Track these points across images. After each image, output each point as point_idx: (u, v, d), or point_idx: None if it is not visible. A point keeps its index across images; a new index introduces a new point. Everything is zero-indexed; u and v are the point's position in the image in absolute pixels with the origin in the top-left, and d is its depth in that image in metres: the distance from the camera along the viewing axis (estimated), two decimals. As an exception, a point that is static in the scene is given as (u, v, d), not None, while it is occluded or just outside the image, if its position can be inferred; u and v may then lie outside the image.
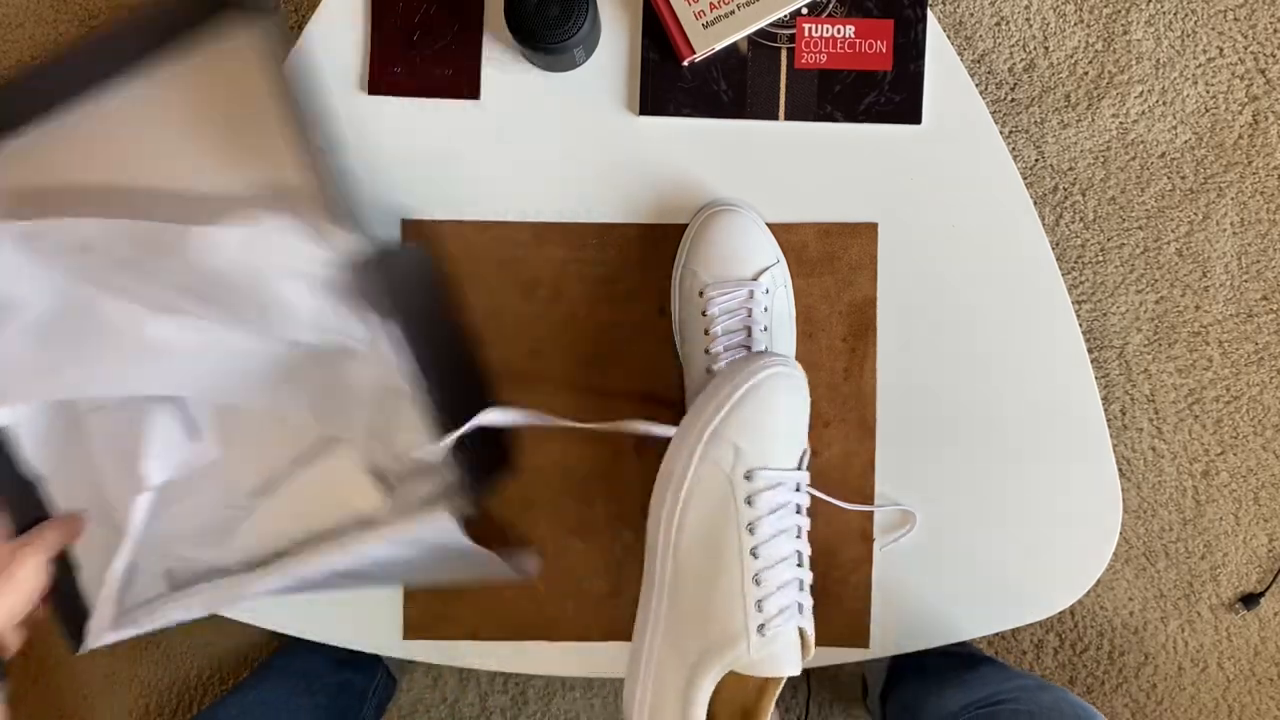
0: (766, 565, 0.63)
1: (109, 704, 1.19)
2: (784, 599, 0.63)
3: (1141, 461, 1.15)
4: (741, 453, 0.65)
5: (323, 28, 0.86)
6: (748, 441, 0.64)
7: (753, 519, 0.63)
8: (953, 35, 1.15)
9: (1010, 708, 0.77)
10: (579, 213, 0.86)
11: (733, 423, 0.65)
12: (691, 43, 0.83)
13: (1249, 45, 1.13)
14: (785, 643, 0.62)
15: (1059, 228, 1.15)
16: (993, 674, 0.87)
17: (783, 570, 0.63)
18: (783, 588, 0.63)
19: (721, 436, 0.65)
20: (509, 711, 1.17)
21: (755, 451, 0.64)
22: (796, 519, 0.65)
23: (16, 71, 0.80)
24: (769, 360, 0.68)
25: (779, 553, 0.63)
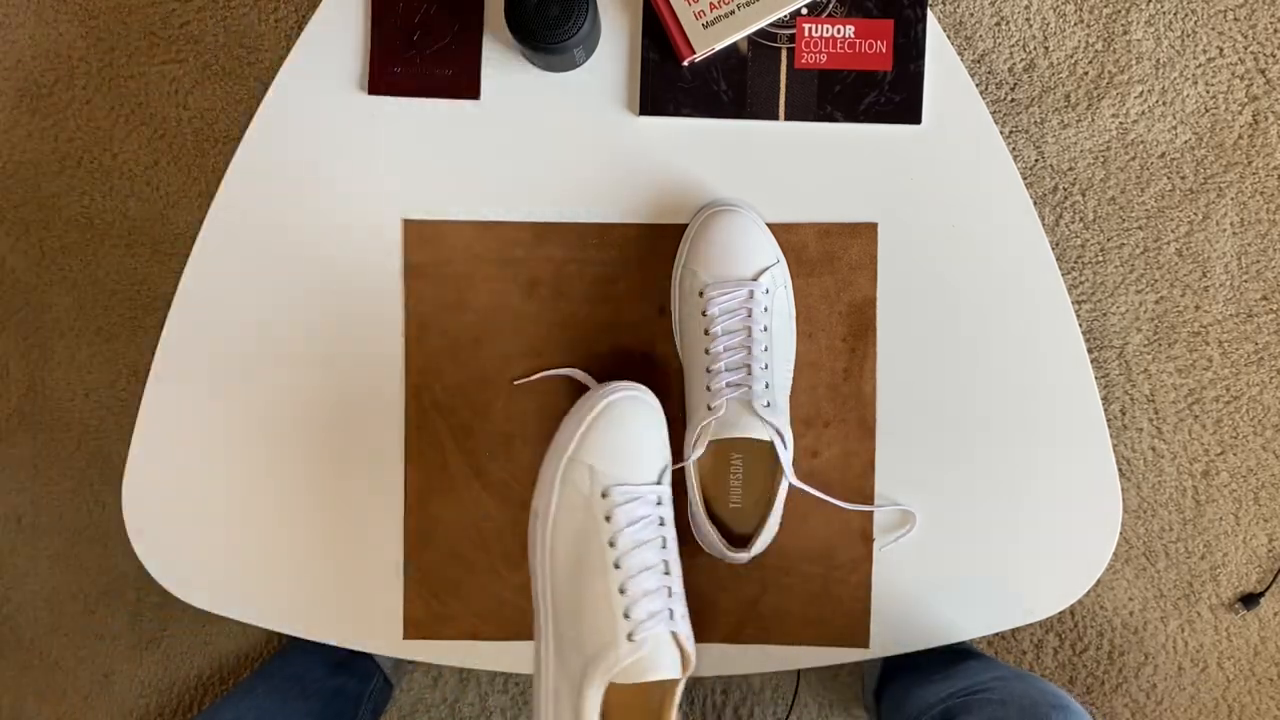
0: (630, 575, 0.67)
1: (109, 704, 1.19)
2: (651, 605, 0.66)
3: (1141, 461, 1.15)
4: (596, 473, 0.69)
5: (323, 28, 0.86)
6: (602, 462, 0.69)
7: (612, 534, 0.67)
8: (953, 35, 1.15)
9: (984, 696, 0.79)
10: (579, 213, 0.86)
11: (585, 447, 0.70)
12: (691, 43, 0.83)
13: (1249, 45, 1.13)
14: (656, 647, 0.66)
15: (1059, 228, 1.15)
16: (976, 667, 0.88)
17: (647, 579, 0.67)
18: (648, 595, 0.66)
19: (577, 461, 0.70)
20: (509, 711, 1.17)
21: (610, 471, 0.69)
22: (660, 530, 0.69)
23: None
24: (615, 386, 0.73)
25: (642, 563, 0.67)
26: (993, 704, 0.77)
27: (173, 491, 0.87)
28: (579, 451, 0.71)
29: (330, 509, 0.87)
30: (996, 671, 0.85)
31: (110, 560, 1.18)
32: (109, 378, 1.18)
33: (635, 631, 0.66)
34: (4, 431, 1.18)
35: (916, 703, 0.86)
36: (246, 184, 0.86)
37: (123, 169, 1.17)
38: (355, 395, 0.87)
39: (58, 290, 1.18)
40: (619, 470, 0.69)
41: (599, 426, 0.71)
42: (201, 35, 1.17)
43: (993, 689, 0.80)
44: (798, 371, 0.86)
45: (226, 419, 0.87)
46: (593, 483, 0.70)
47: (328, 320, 0.86)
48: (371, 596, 0.87)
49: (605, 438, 0.70)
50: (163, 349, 0.87)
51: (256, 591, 0.87)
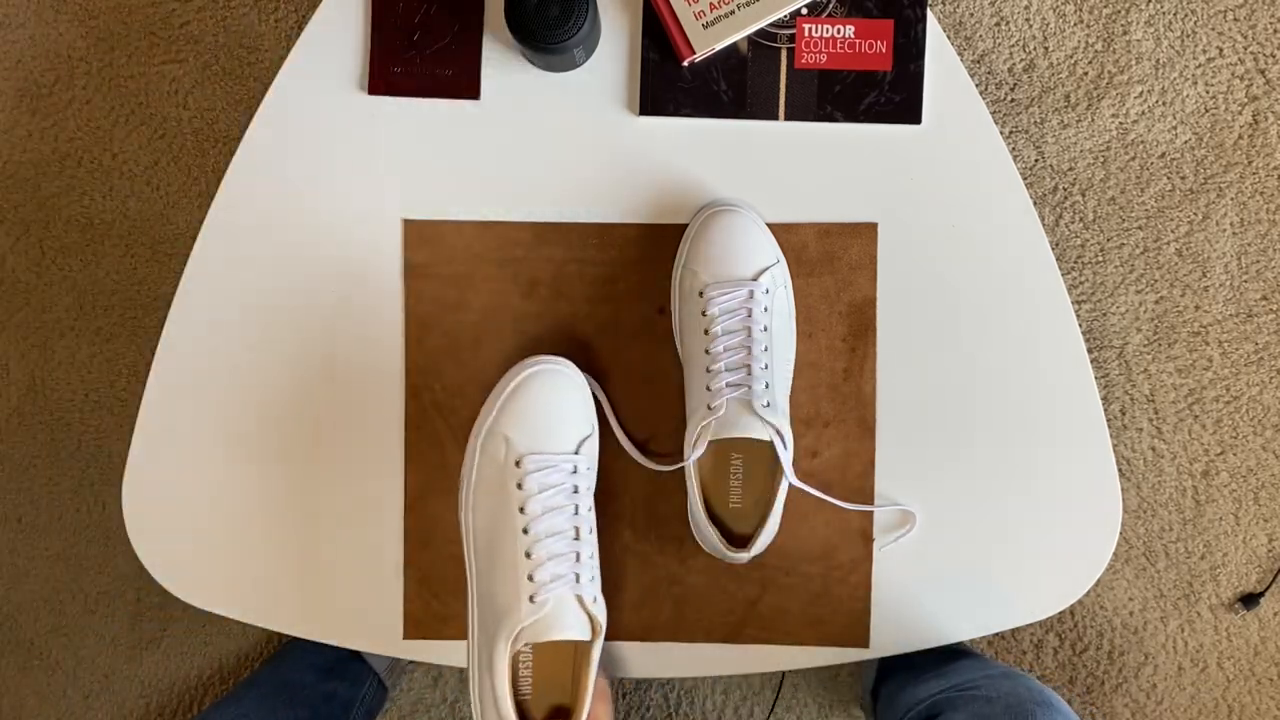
0: (536, 540, 0.71)
1: (109, 704, 1.19)
2: (555, 569, 0.70)
3: (1141, 461, 1.15)
4: (511, 443, 0.73)
5: (323, 28, 0.86)
6: (516, 432, 0.73)
7: (523, 500, 0.71)
8: (953, 35, 1.15)
9: (971, 693, 0.79)
10: (579, 213, 0.86)
11: (502, 418, 0.74)
12: (691, 43, 0.83)
13: (1249, 45, 1.14)
14: (558, 608, 0.69)
15: (1059, 228, 1.15)
16: (968, 665, 0.88)
17: (554, 544, 0.71)
18: (554, 559, 0.70)
19: (494, 432, 0.74)
20: None
21: (524, 441, 0.73)
22: (573, 498, 0.72)
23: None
24: (532, 360, 0.77)
25: (549, 528, 0.71)
26: (979, 700, 0.78)
27: (173, 491, 0.87)
28: (496, 422, 0.74)
29: (330, 509, 0.87)
30: (986, 670, 0.85)
31: (110, 560, 1.18)
32: (109, 378, 1.18)
33: (537, 593, 0.70)
34: (4, 431, 1.18)
35: (908, 699, 0.87)
36: (246, 184, 0.86)
37: (123, 169, 1.17)
38: (355, 395, 0.87)
39: (58, 290, 1.18)
40: (532, 440, 0.73)
41: (515, 398, 0.74)
42: (201, 35, 1.17)
43: (980, 686, 0.80)
44: (798, 371, 0.86)
45: (226, 419, 0.87)
46: (508, 452, 0.73)
47: (327, 320, 0.86)
48: (371, 596, 0.87)
49: (520, 409, 0.74)
50: (163, 349, 0.87)
51: (256, 591, 0.87)
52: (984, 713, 0.76)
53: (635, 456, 0.84)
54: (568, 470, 0.73)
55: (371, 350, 0.87)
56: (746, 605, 0.86)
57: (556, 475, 0.73)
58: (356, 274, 0.86)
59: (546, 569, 0.70)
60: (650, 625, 0.86)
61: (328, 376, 0.86)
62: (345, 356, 0.86)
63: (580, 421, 0.76)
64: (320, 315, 0.86)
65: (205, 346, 0.87)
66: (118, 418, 1.18)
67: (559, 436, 0.74)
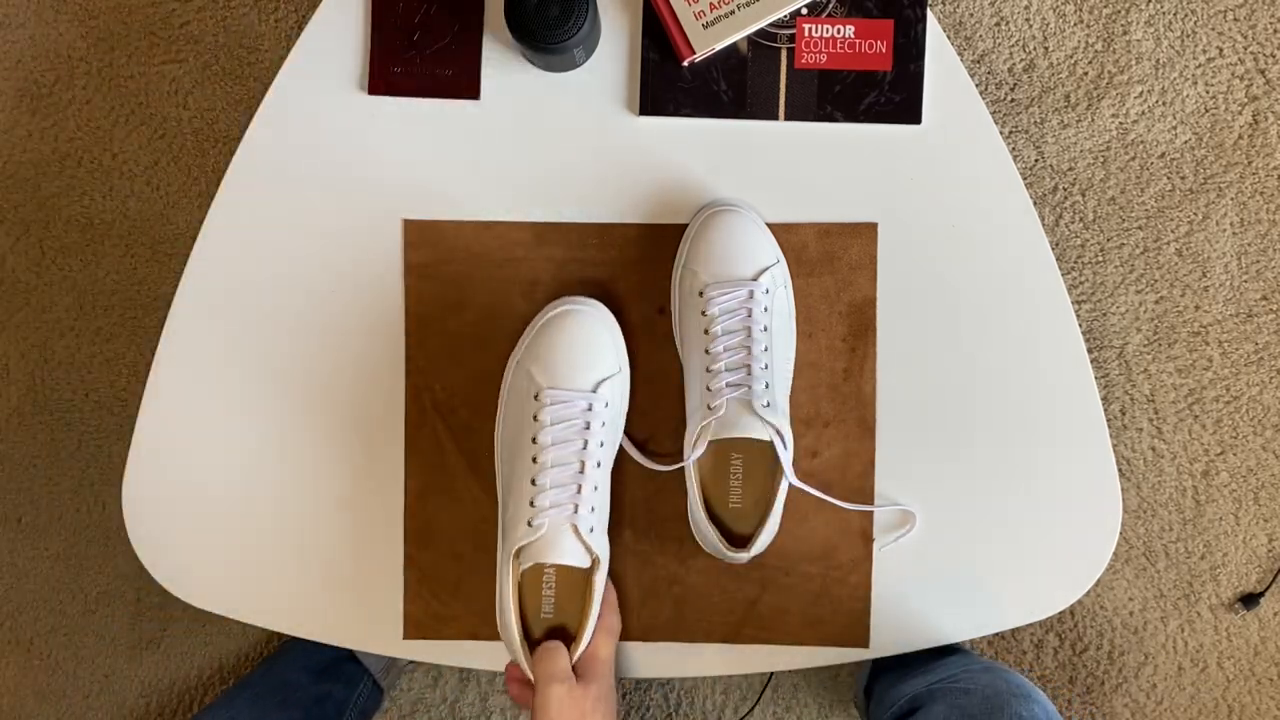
0: (542, 469, 0.75)
1: (109, 704, 1.19)
2: (555, 497, 0.75)
3: (1141, 461, 1.15)
4: (533, 378, 0.78)
5: (323, 28, 0.86)
6: (538, 368, 0.78)
7: (536, 432, 0.76)
8: (953, 35, 1.15)
9: (950, 685, 0.80)
10: (579, 213, 0.86)
11: (528, 355, 0.80)
12: (691, 43, 0.83)
13: (1249, 45, 1.14)
14: (553, 533, 0.74)
15: (1059, 228, 1.15)
16: (953, 661, 0.88)
17: (557, 474, 0.75)
18: (556, 488, 0.75)
19: (522, 367, 0.80)
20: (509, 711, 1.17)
21: (544, 377, 0.78)
22: (584, 434, 0.77)
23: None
24: (564, 300, 0.81)
25: (556, 459, 0.76)
26: (956, 692, 0.78)
27: (173, 491, 0.87)
28: (523, 358, 0.80)
29: (330, 509, 0.87)
30: (968, 664, 0.85)
31: (110, 560, 1.18)
32: (109, 378, 1.18)
33: (535, 518, 0.75)
34: (4, 431, 1.18)
35: (895, 695, 0.87)
36: (246, 184, 0.86)
37: (123, 169, 1.17)
38: (355, 395, 0.87)
39: (58, 290, 1.18)
40: (552, 377, 0.78)
41: (543, 335, 0.79)
42: (201, 35, 1.17)
43: (959, 679, 0.81)
44: (798, 371, 0.86)
45: (226, 419, 0.87)
46: (530, 386, 0.78)
47: (328, 320, 0.86)
48: (371, 596, 0.87)
49: (545, 346, 0.79)
50: (163, 349, 0.87)
51: (256, 591, 0.87)
52: (961, 704, 0.76)
53: (635, 456, 0.84)
54: (581, 408, 0.77)
55: (371, 351, 0.87)
56: (746, 605, 0.86)
57: (569, 411, 0.77)
58: (356, 274, 0.86)
59: (547, 496, 0.75)
60: (650, 625, 0.86)
61: (328, 376, 0.86)
62: (345, 357, 0.86)
63: (601, 362, 0.79)
64: (320, 315, 0.86)
65: (205, 346, 0.87)
66: (118, 418, 1.18)
67: (578, 375, 0.78)
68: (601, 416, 0.78)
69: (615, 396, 0.80)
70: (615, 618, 0.82)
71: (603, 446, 0.78)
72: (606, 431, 0.79)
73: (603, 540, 0.78)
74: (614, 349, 0.81)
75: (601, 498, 0.78)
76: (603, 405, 0.78)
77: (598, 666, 0.78)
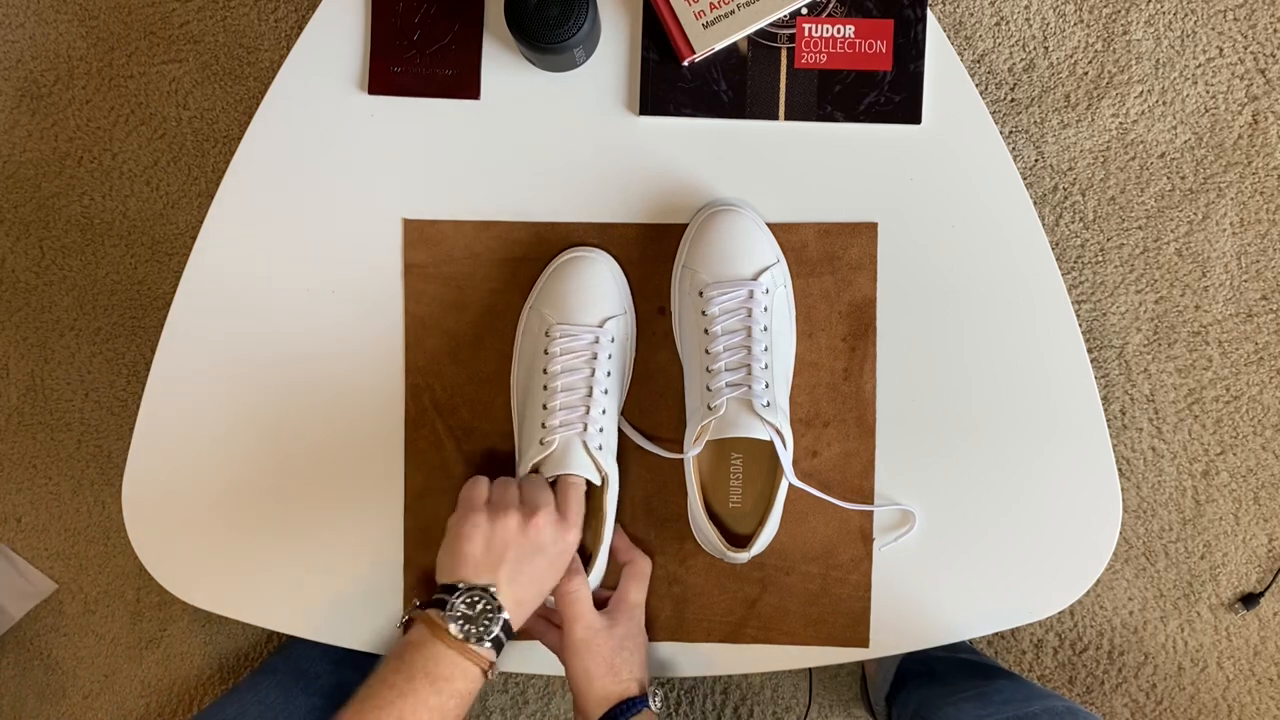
0: (552, 394, 0.81)
1: (109, 704, 1.19)
2: (565, 417, 0.81)
3: (1141, 461, 1.15)
4: (544, 317, 0.84)
5: (323, 28, 0.86)
6: (548, 308, 0.84)
7: (547, 363, 0.82)
8: (953, 35, 1.15)
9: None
10: (579, 213, 0.86)
11: (540, 297, 0.85)
12: (691, 43, 0.83)
13: (1249, 45, 1.14)
14: (564, 449, 0.80)
15: (1059, 228, 1.15)
16: (1012, 689, 0.87)
17: (566, 398, 0.81)
18: (565, 409, 0.81)
19: (535, 309, 0.85)
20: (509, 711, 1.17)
21: (554, 315, 0.83)
22: (592, 363, 0.82)
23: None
24: (572, 249, 0.86)
25: (566, 385, 0.81)
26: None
27: (173, 491, 0.87)
28: (536, 301, 0.85)
29: (330, 509, 0.87)
30: (1042, 701, 0.83)
31: (110, 560, 1.18)
32: (109, 378, 1.18)
33: (546, 436, 0.80)
34: (4, 431, 1.18)
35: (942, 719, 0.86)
36: (246, 184, 0.86)
37: (123, 169, 1.17)
38: (355, 395, 0.87)
39: (58, 290, 1.18)
40: (560, 314, 0.83)
41: (551, 280, 0.85)
42: (201, 35, 1.17)
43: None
44: (798, 371, 0.86)
45: (226, 419, 0.87)
46: (541, 324, 0.84)
47: (328, 320, 0.86)
48: (371, 596, 0.87)
49: (554, 289, 0.84)
50: (163, 349, 0.87)
51: (256, 591, 0.87)
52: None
53: (637, 440, 0.84)
54: (589, 340, 0.82)
55: (371, 350, 0.87)
56: (746, 605, 0.86)
57: (576, 343, 0.82)
58: (356, 274, 0.86)
59: (557, 417, 0.81)
60: (650, 625, 0.86)
61: (328, 376, 0.86)
62: (345, 356, 0.86)
63: (606, 302, 0.84)
64: (320, 315, 0.86)
65: (205, 346, 0.87)
66: (118, 418, 1.18)
67: (585, 312, 0.83)
68: (608, 349, 0.83)
69: (621, 335, 0.84)
70: (645, 562, 0.85)
71: (609, 376, 0.83)
72: (614, 364, 0.83)
73: (612, 464, 0.82)
74: (618, 291, 0.85)
75: (609, 424, 0.82)
76: (609, 339, 0.83)
77: (626, 609, 0.82)
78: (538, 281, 0.86)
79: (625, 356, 0.86)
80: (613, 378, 0.83)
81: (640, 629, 0.83)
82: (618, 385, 0.84)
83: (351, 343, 0.86)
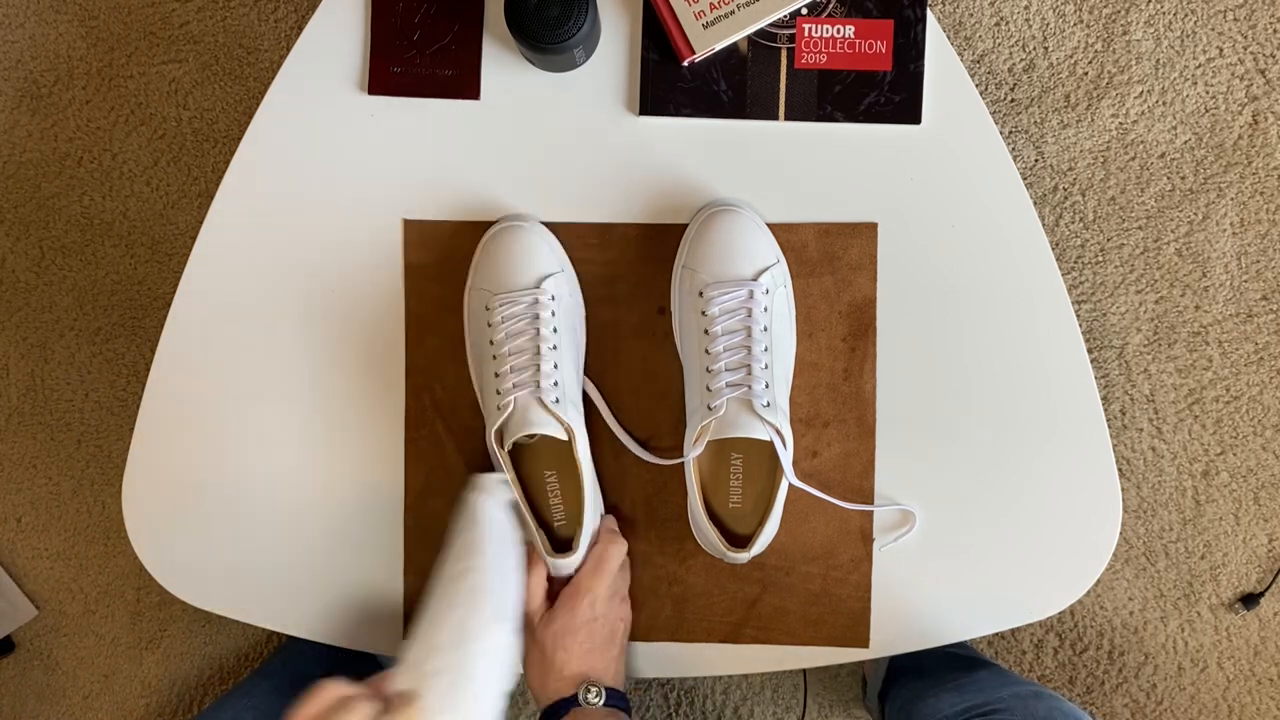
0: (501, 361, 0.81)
1: (109, 704, 1.19)
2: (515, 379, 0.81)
3: (1141, 461, 1.15)
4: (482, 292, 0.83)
5: (323, 28, 0.86)
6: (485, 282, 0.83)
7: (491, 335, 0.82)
8: (953, 35, 1.15)
9: (1003, 716, 0.78)
10: (579, 213, 0.86)
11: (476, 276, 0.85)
12: (691, 43, 0.83)
13: (1249, 45, 1.14)
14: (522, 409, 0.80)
15: (1059, 228, 1.15)
16: (989, 679, 0.87)
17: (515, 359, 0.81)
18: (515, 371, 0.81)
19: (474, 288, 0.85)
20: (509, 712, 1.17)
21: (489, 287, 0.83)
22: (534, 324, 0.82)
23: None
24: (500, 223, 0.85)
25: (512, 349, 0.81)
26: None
27: (173, 491, 0.87)
28: (473, 280, 0.85)
29: (330, 509, 0.87)
30: (1014, 688, 0.84)
31: (110, 560, 1.18)
32: (109, 378, 1.18)
33: (501, 401, 0.80)
34: (4, 431, 1.18)
35: (927, 712, 0.86)
36: (246, 184, 0.86)
37: (123, 169, 1.17)
38: (355, 395, 0.87)
39: (58, 290, 1.18)
40: (497, 284, 0.83)
41: (483, 256, 0.85)
42: (201, 35, 1.17)
43: (1012, 708, 0.79)
44: (798, 371, 0.86)
45: (226, 419, 0.87)
46: (481, 301, 0.84)
47: (328, 320, 0.86)
48: (371, 596, 0.87)
49: (487, 263, 0.84)
50: (163, 349, 0.87)
51: (256, 591, 0.87)
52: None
53: (635, 451, 0.84)
54: (527, 302, 0.82)
55: (371, 350, 0.87)
56: (746, 605, 0.86)
57: (515, 308, 0.82)
58: (356, 274, 0.86)
59: (509, 380, 0.81)
60: (650, 625, 0.86)
61: (327, 376, 0.86)
62: (345, 357, 0.86)
63: (539, 262, 0.84)
64: (320, 315, 0.86)
65: (205, 346, 0.87)
66: (118, 418, 1.18)
67: (519, 277, 0.83)
68: (549, 307, 0.83)
69: (562, 291, 0.84)
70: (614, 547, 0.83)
71: (556, 333, 0.82)
72: (559, 321, 0.83)
73: (578, 418, 0.82)
74: (551, 251, 0.85)
75: (566, 378, 0.82)
76: (548, 298, 0.83)
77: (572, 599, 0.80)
78: (473, 262, 0.86)
79: (574, 313, 0.86)
80: (561, 334, 0.83)
81: (596, 617, 0.81)
82: (570, 341, 0.84)
83: (351, 343, 0.86)
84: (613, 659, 0.82)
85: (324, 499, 0.87)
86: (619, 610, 0.83)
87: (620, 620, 0.83)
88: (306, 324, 0.86)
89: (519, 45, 0.80)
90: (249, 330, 0.86)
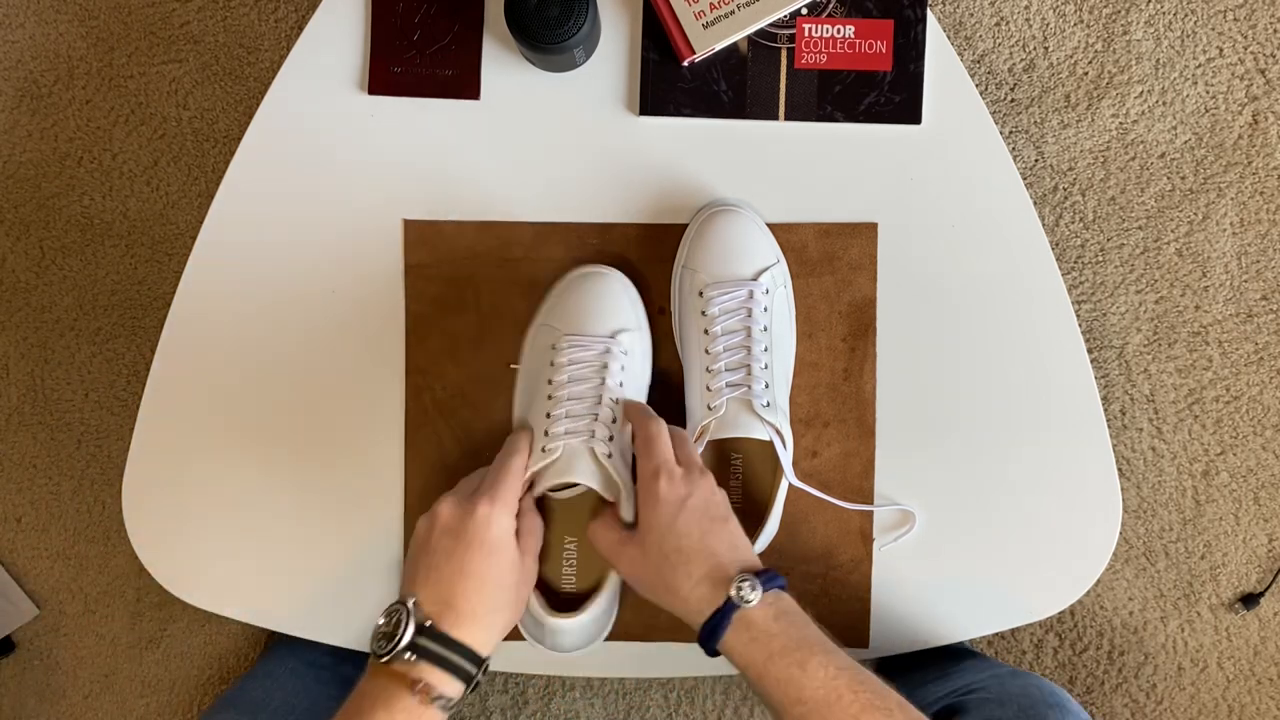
0: (559, 403, 0.78)
1: (109, 704, 1.19)
2: (569, 425, 0.77)
3: (1141, 461, 1.15)
4: (553, 330, 0.82)
5: (323, 28, 0.86)
6: (557, 321, 0.82)
7: (553, 373, 0.80)
8: (953, 35, 1.15)
9: (981, 695, 0.79)
10: (579, 213, 0.86)
11: (548, 312, 0.84)
12: (691, 43, 0.83)
13: (1249, 45, 1.14)
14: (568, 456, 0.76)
15: (1059, 228, 1.15)
16: (973, 666, 0.88)
17: (571, 405, 0.78)
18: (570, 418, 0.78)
19: (543, 324, 0.84)
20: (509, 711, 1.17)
21: (562, 328, 0.82)
22: (601, 373, 0.79)
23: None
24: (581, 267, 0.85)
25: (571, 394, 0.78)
26: (990, 703, 0.77)
27: (173, 491, 0.87)
28: (544, 316, 0.84)
29: (330, 509, 0.87)
30: (992, 670, 0.84)
31: (110, 560, 1.18)
32: (109, 378, 1.18)
33: (549, 443, 0.76)
34: (4, 431, 1.18)
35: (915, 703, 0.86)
36: (246, 184, 0.86)
37: (123, 169, 1.17)
38: (355, 395, 0.87)
39: (58, 290, 1.18)
40: (568, 326, 0.81)
41: (560, 296, 0.83)
42: (201, 35, 1.17)
43: (989, 687, 0.80)
44: (798, 371, 0.86)
45: (226, 419, 0.87)
46: (549, 337, 0.82)
47: (328, 320, 0.86)
48: (371, 596, 0.87)
49: (562, 304, 0.83)
50: (163, 349, 0.87)
51: (256, 591, 0.87)
52: (995, 716, 0.75)
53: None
54: (599, 350, 0.79)
55: (371, 350, 0.87)
56: (746, 605, 0.86)
57: (584, 353, 0.80)
58: (356, 274, 0.86)
59: (559, 425, 0.77)
60: (650, 625, 0.86)
61: (328, 376, 0.86)
62: (345, 356, 0.86)
63: (619, 315, 0.82)
64: (320, 315, 0.86)
65: (205, 346, 0.87)
66: (118, 418, 1.18)
67: (596, 324, 0.81)
68: (620, 360, 0.79)
69: (636, 349, 0.81)
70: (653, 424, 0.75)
71: (622, 386, 0.79)
72: (627, 376, 0.80)
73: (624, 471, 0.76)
74: (633, 307, 0.83)
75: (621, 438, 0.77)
76: (621, 351, 0.80)
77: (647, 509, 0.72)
78: (546, 297, 0.84)
79: (642, 377, 0.83)
80: (625, 390, 0.79)
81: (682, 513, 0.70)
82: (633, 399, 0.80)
83: (351, 343, 0.86)
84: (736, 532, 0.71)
85: (324, 499, 0.87)
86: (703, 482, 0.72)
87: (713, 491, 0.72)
88: (306, 324, 0.86)
89: (519, 45, 0.80)
90: (249, 330, 0.86)
